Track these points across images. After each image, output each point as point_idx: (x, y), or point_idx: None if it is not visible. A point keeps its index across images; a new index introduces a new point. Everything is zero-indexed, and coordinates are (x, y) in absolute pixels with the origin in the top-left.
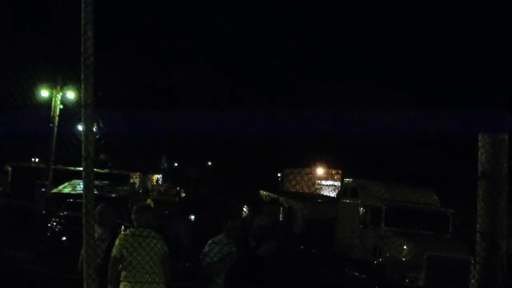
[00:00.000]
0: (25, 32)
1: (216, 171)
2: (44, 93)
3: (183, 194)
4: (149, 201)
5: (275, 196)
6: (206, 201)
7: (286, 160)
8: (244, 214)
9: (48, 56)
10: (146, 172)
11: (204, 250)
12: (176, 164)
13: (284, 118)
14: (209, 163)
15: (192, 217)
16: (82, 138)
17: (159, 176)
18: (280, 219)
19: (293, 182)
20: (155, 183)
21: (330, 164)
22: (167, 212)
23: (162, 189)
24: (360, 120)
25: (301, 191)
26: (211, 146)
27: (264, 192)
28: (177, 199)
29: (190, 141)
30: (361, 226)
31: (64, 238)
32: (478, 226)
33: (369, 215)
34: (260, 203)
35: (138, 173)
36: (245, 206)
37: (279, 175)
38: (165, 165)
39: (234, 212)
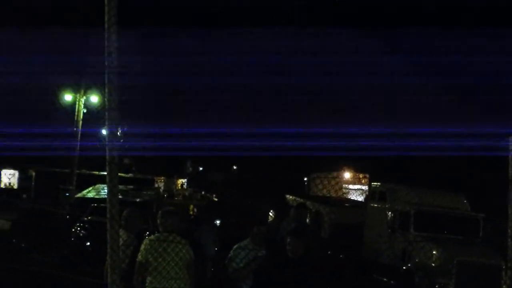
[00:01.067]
0: (48, 35)
1: (241, 175)
2: (68, 97)
3: (215, 199)
4: (191, 207)
5: (302, 200)
6: (231, 206)
7: (313, 164)
8: (270, 219)
9: (72, 60)
10: (171, 176)
11: (229, 255)
12: (201, 169)
13: (310, 122)
14: (235, 167)
15: (218, 222)
16: (107, 143)
17: (184, 180)
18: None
19: (320, 186)
20: (180, 187)
21: (357, 168)
22: (192, 216)
23: (187, 194)
24: (387, 123)
25: (328, 195)
26: (236, 150)
27: (291, 197)
28: (204, 203)
29: (216, 145)
30: (389, 230)
31: (89, 244)
32: (509, 230)
33: (398, 220)
34: (287, 207)
35: (162, 177)
36: (271, 211)
37: (305, 179)
38: (190, 169)
39: (260, 217)
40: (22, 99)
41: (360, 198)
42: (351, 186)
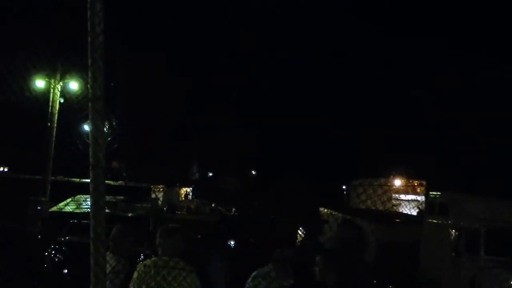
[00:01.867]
0: (16, 5)
1: (261, 182)
2: (40, 83)
3: (229, 213)
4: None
5: (340, 214)
6: (249, 222)
7: (354, 168)
8: (299, 238)
9: (45, 36)
10: (173, 185)
11: (247, 286)
12: (210, 174)
13: (351, 114)
14: (253, 172)
15: (232, 242)
16: (90, 141)
17: (189, 189)
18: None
19: (363, 197)
20: (183, 198)
21: (411, 173)
22: (199, 236)
23: (193, 206)
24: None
25: (373, 208)
26: (255, 150)
27: (325, 210)
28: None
29: (229, 145)
30: (453, 254)
31: (66, 271)
32: None
33: (464, 240)
34: (320, 223)
35: (161, 186)
36: (300, 228)
37: (344, 187)
38: (197, 175)
39: (285, 236)
40: None
41: (415, 212)
42: (403, 196)
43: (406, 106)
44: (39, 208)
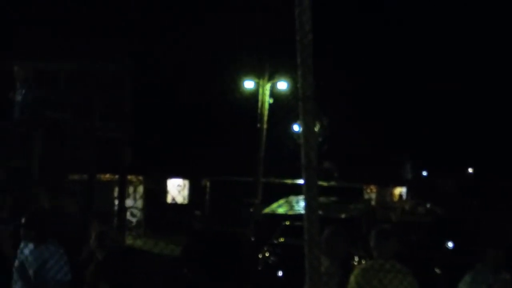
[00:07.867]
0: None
1: (481, 181)
2: (249, 83)
3: (445, 214)
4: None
5: None
6: (467, 224)
7: None
8: None
9: (252, 35)
10: (385, 185)
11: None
12: (425, 173)
13: None
14: (470, 171)
15: (450, 244)
16: (301, 142)
17: (403, 189)
18: None
19: None
20: (398, 199)
21: None
22: (413, 237)
23: (407, 207)
24: None
25: None
26: (474, 145)
27: None
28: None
29: (444, 141)
30: None
31: (281, 273)
32: None
33: None
34: None
35: (374, 186)
36: None
37: None
38: (411, 174)
39: (504, 236)
40: (188, 90)
41: None
42: None
43: None
44: (251, 210)
